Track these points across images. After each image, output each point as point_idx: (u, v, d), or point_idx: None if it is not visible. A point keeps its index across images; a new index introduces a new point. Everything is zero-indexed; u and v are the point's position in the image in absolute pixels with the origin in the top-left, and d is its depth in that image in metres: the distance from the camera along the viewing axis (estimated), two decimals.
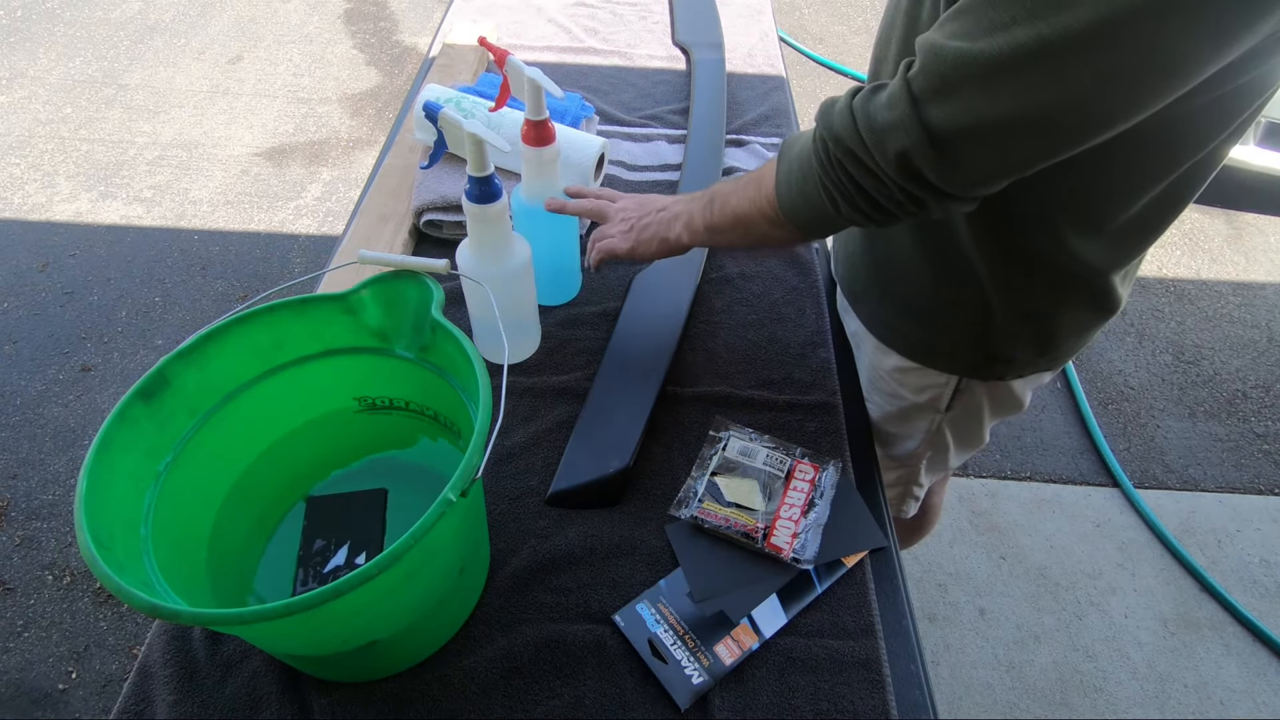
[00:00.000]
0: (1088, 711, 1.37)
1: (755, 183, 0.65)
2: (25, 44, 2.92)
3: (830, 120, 0.54)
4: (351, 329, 0.61)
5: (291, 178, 2.41)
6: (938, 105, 0.47)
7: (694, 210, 0.70)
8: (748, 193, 0.65)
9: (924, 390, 0.81)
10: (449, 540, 0.52)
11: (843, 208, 0.56)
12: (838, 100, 0.55)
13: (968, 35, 0.45)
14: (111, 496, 0.49)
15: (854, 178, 0.54)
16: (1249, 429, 1.86)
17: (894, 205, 0.54)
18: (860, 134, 0.51)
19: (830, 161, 0.55)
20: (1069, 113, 0.45)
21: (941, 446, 0.87)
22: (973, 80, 0.45)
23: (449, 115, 0.73)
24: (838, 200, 0.56)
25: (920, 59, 0.48)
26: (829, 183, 0.56)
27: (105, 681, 1.35)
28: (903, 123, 0.49)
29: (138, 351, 1.89)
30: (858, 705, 0.56)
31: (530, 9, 1.38)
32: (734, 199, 0.66)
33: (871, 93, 0.52)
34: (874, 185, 0.53)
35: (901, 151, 0.50)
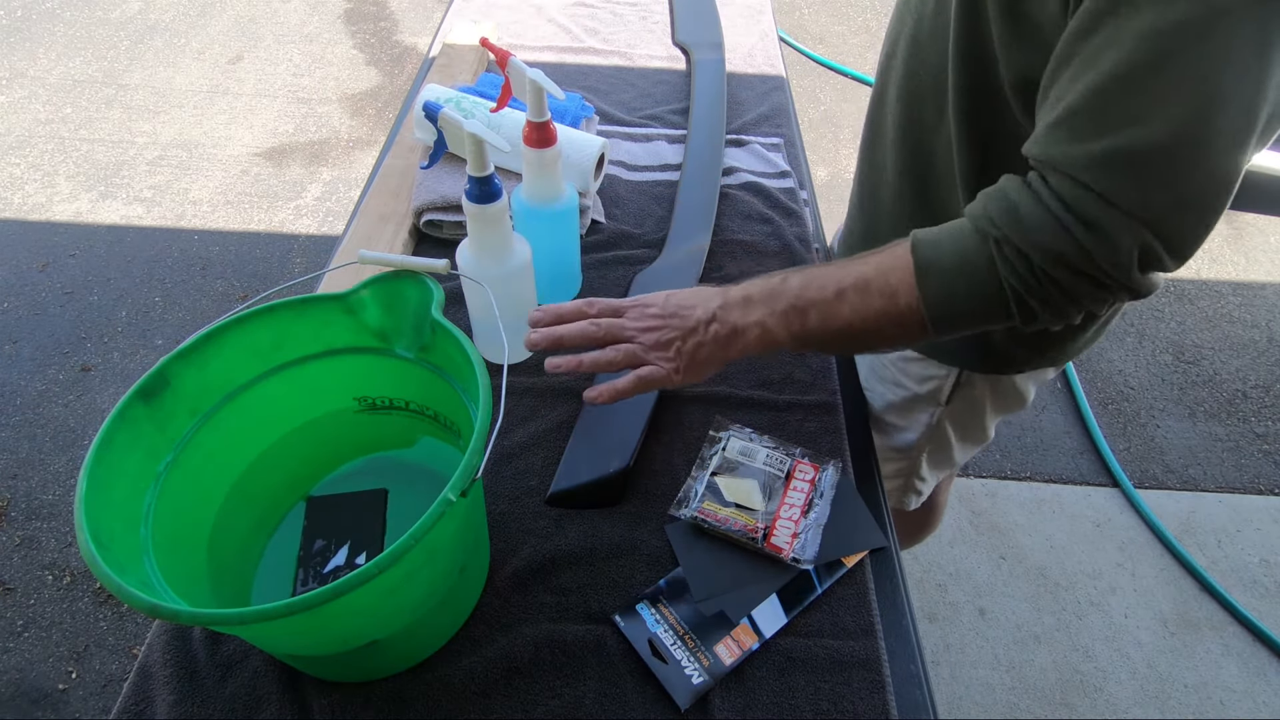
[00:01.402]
0: (1088, 711, 1.37)
1: (874, 293, 0.56)
2: (25, 44, 2.92)
3: (1031, 234, 0.50)
4: (351, 329, 0.61)
5: (291, 178, 2.41)
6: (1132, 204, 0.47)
7: (768, 323, 0.60)
8: (869, 305, 0.57)
9: (925, 381, 0.81)
10: (449, 540, 0.52)
11: (1040, 316, 0.53)
12: (1026, 215, 0.50)
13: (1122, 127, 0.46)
14: (111, 496, 0.49)
15: (1067, 288, 0.51)
16: (1249, 429, 1.86)
17: (1102, 302, 0.52)
18: (1080, 242, 0.48)
19: (1036, 276, 0.51)
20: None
21: (943, 441, 0.87)
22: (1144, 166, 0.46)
23: (449, 115, 0.73)
24: (1035, 309, 0.52)
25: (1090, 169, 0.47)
26: (1030, 295, 0.52)
27: (105, 681, 1.35)
28: (1127, 225, 0.48)
29: (138, 351, 1.89)
30: (858, 705, 0.56)
31: (530, 9, 1.38)
32: (842, 309, 0.57)
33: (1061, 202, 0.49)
34: (1091, 289, 0.51)
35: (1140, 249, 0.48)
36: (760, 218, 0.98)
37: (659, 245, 0.94)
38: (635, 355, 0.61)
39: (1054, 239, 0.49)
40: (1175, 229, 0.48)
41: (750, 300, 0.60)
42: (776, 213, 0.98)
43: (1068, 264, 0.49)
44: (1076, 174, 0.48)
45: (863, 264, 0.57)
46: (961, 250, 0.53)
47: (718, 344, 0.61)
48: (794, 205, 1.01)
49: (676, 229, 0.95)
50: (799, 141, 1.14)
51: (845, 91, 2.92)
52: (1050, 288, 0.51)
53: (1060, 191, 0.48)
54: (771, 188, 1.02)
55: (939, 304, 0.54)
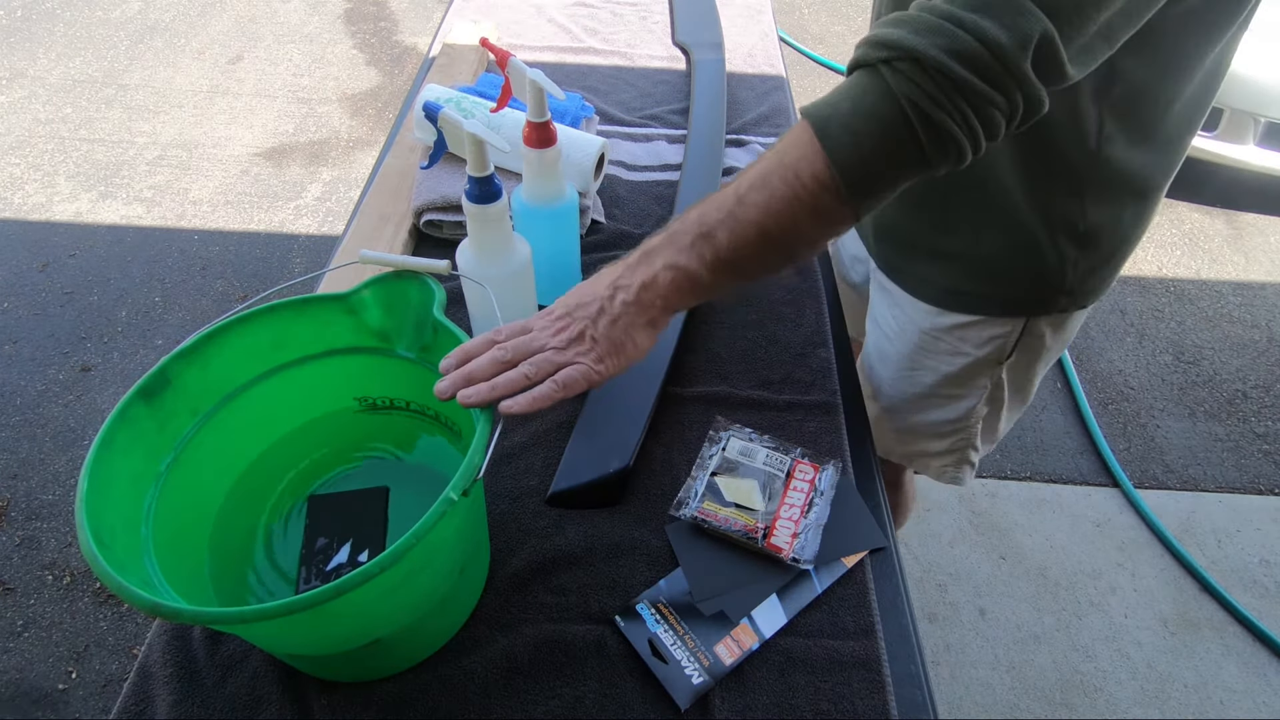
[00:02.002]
0: (1088, 711, 1.37)
1: (776, 181, 0.52)
2: (25, 44, 2.92)
3: (919, 34, 0.47)
4: (352, 329, 0.61)
5: (291, 178, 2.41)
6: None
7: (678, 261, 0.55)
8: (775, 195, 0.52)
9: (988, 343, 0.80)
10: (450, 540, 0.52)
11: (945, 131, 0.48)
12: (904, 27, 0.48)
13: None
14: (112, 496, 0.49)
15: (961, 85, 0.47)
16: (1249, 429, 1.86)
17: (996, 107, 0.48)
18: (980, 39, 0.45)
19: (930, 76, 0.47)
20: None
21: (998, 403, 0.87)
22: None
23: (449, 115, 0.73)
24: (939, 122, 0.48)
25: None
26: (929, 103, 0.47)
27: (105, 681, 1.35)
28: (1031, 15, 0.45)
29: (138, 351, 1.89)
30: (858, 705, 0.56)
31: (530, 9, 1.38)
32: (749, 214, 0.53)
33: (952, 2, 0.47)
34: (984, 88, 0.47)
35: (1038, 40, 0.45)
36: None
37: None
38: (550, 362, 0.55)
39: (946, 34, 0.46)
40: (1079, 12, 0.46)
41: (650, 251, 0.56)
42: None
43: (962, 57, 0.46)
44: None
45: (755, 165, 0.54)
46: (855, 93, 0.50)
47: (630, 311, 0.56)
48: None
49: None
50: None
51: None
52: (949, 90, 0.47)
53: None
54: None
55: (845, 155, 0.49)
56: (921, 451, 0.95)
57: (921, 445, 0.94)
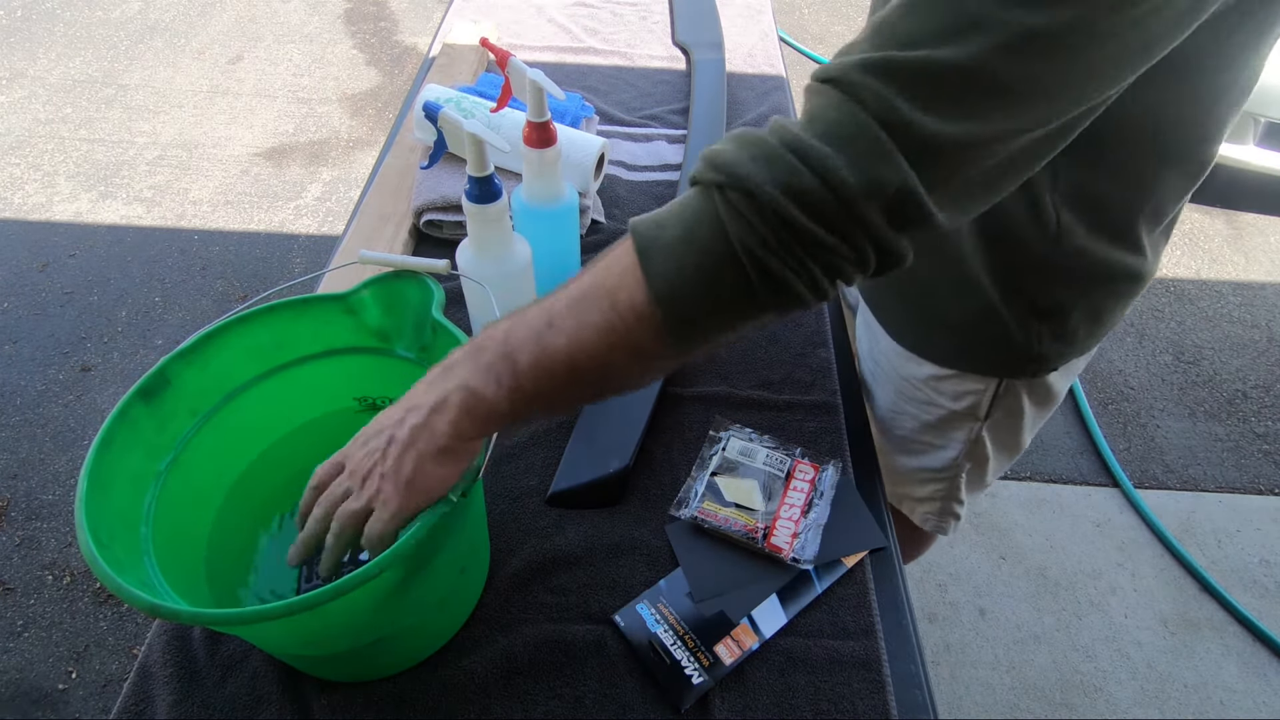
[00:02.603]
0: (1088, 711, 1.37)
1: (590, 305, 0.44)
2: (25, 44, 2.92)
3: (757, 168, 0.40)
4: (352, 329, 0.61)
5: (291, 178, 2.41)
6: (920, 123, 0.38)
7: (471, 383, 0.45)
8: (586, 323, 0.44)
9: (962, 397, 0.76)
10: (449, 541, 0.52)
11: (784, 281, 0.41)
12: (742, 152, 0.41)
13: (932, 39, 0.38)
14: (112, 496, 0.49)
15: (803, 234, 0.40)
16: (1249, 429, 1.86)
17: (844, 259, 0.41)
18: (822, 179, 0.39)
19: (765, 219, 0.40)
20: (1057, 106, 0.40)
21: (981, 456, 0.83)
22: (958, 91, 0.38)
23: (449, 115, 0.73)
24: (776, 271, 0.41)
25: (876, 77, 0.39)
26: (764, 249, 0.40)
27: (105, 681, 1.35)
28: (884, 152, 0.39)
29: (138, 351, 1.89)
30: (858, 705, 0.56)
31: (530, 9, 1.38)
32: (557, 341, 0.44)
33: (798, 125, 0.41)
34: (829, 238, 0.40)
35: (894, 191, 0.39)
36: None
37: None
38: (351, 515, 0.46)
39: (784, 168, 0.39)
40: (948, 161, 0.39)
41: (450, 366, 0.46)
42: None
43: (799, 196, 0.39)
44: (841, 78, 0.39)
45: (575, 281, 0.46)
46: (686, 215, 0.42)
47: (420, 437, 0.45)
48: None
49: None
50: None
51: None
52: (784, 235, 0.40)
53: (814, 110, 0.40)
54: None
55: (668, 291, 0.41)
56: (907, 495, 0.91)
57: (906, 488, 0.91)
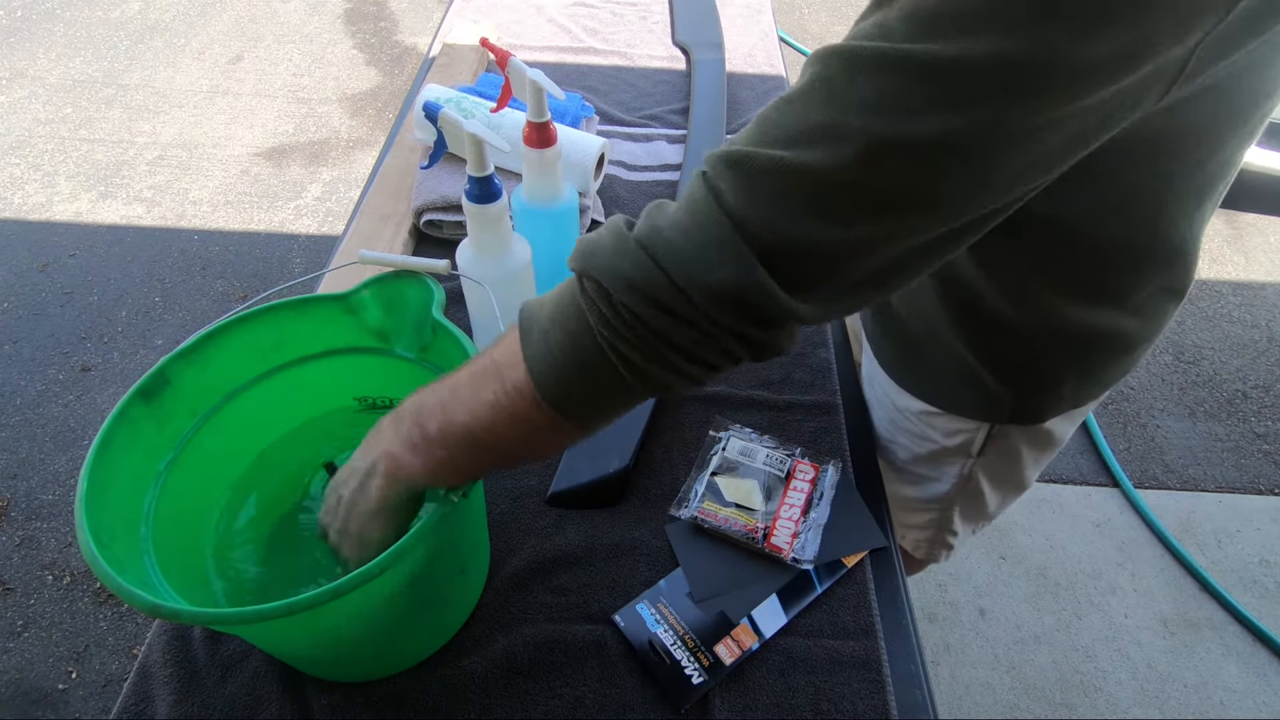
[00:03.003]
0: (1088, 711, 1.37)
1: (485, 380, 0.44)
2: (25, 44, 2.92)
3: (604, 259, 0.40)
4: (352, 329, 0.61)
5: (291, 178, 2.41)
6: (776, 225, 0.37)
7: (393, 450, 0.47)
8: (480, 397, 0.44)
9: (954, 434, 0.75)
10: (450, 540, 0.52)
11: (648, 372, 0.41)
12: (606, 238, 0.41)
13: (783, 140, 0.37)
14: (112, 496, 0.49)
15: (656, 329, 0.39)
16: (1249, 429, 1.86)
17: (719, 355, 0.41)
18: (669, 277, 0.38)
19: (617, 313, 0.39)
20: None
21: (975, 493, 0.81)
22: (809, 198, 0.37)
23: (449, 115, 0.73)
24: (637, 362, 0.40)
25: (738, 173, 0.38)
26: (620, 342, 0.40)
27: (105, 681, 1.35)
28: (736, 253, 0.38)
29: (138, 351, 1.89)
30: (858, 705, 0.56)
31: (530, 9, 1.38)
32: (458, 411, 0.45)
33: (664, 216, 0.40)
34: (687, 334, 0.40)
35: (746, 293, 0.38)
36: None
37: None
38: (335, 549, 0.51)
39: (631, 261, 0.39)
40: (809, 264, 0.38)
41: (379, 430, 0.48)
42: None
43: (645, 290, 0.38)
44: (708, 168, 0.39)
45: (489, 350, 0.46)
46: (559, 300, 0.43)
47: (357, 501, 0.48)
48: None
49: None
50: None
51: None
52: (638, 329, 0.39)
53: (684, 198, 0.40)
54: None
55: (543, 371, 0.42)
56: (900, 521, 0.89)
57: (900, 515, 0.88)
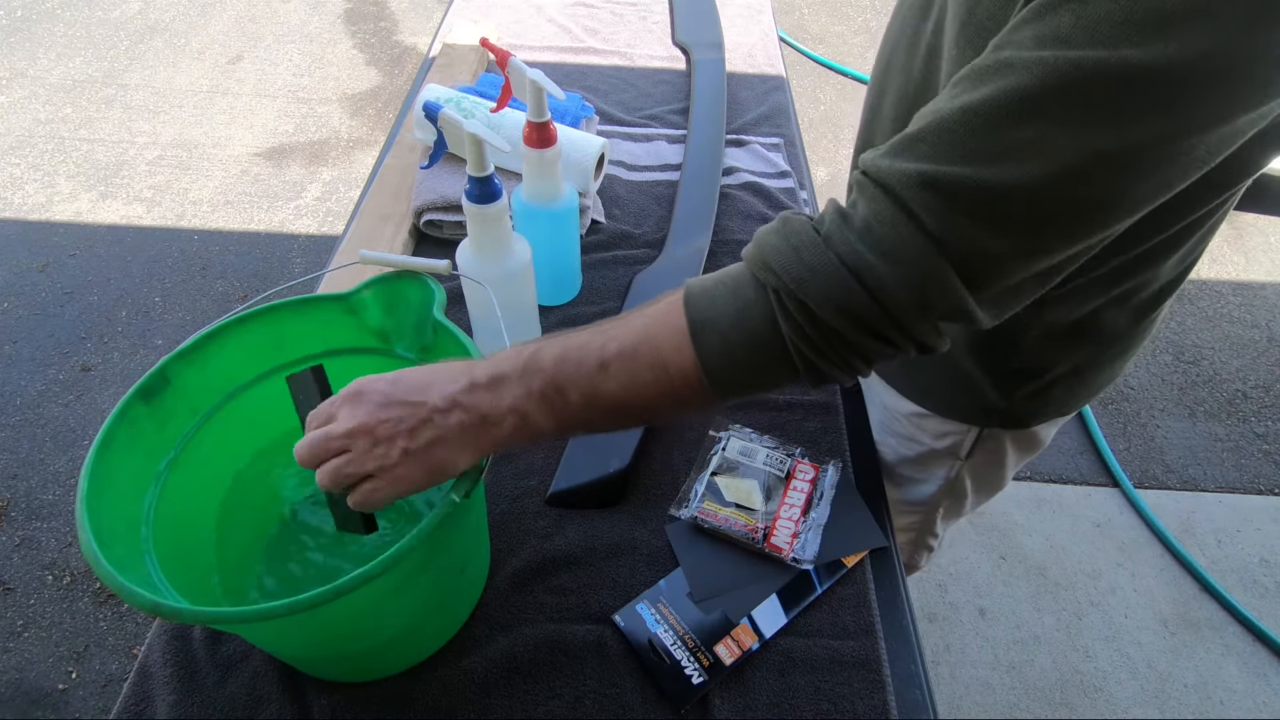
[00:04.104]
0: (1088, 711, 1.37)
1: (643, 364, 0.47)
2: (25, 44, 2.92)
3: (812, 282, 0.42)
4: (352, 329, 0.61)
5: (291, 178, 2.41)
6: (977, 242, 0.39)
7: (525, 408, 0.47)
8: (638, 378, 0.47)
9: (944, 436, 0.76)
10: (450, 540, 0.52)
11: (828, 374, 0.45)
12: (807, 255, 0.42)
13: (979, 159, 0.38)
14: (112, 496, 0.49)
15: (853, 342, 0.43)
16: (1249, 429, 1.86)
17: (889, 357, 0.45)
18: (878, 301, 0.41)
19: (820, 330, 0.43)
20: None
21: (960, 493, 0.83)
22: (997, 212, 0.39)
23: (449, 115, 0.73)
24: (822, 368, 0.44)
25: (936, 195, 0.39)
26: (814, 353, 0.44)
27: (105, 681, 1.35)
28: (940, 273, 0.40)
29: (138, 351, 1.89)
30: (858, 705, 0.56)
31: (530, 9, 1.38)
32: (608, 385, 0.47)
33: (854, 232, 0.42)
34: (876, 345, 0.43)
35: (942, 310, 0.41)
36: (760, 218, 0.98)
37: (659, 245, 0.94)
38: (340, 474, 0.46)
39: (840, 286, 0.41)
40: (1000, 274, 0.41)
41: (502, 379, 0.47)
42: (776, 213, 0.98)
43: (853, 315, 0.41)
44: (901, 190, 0.40)
45: (627, 327, 0.48)
46: (740, 304, 0.45)
47: (463, 435, 0.47)
48: (794, 205, 1.01)
49: (676, 229, 0.95)
50: (799, 141, 1.14)
51: (845, 91, 2.91)
52: (835, 343, 0.43)
53: (870, 219, 0.41)
54: (771, 188, 1.02)
55: (718, 368, 0.45)
56: None
57: None
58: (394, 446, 0.46)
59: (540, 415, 0.47)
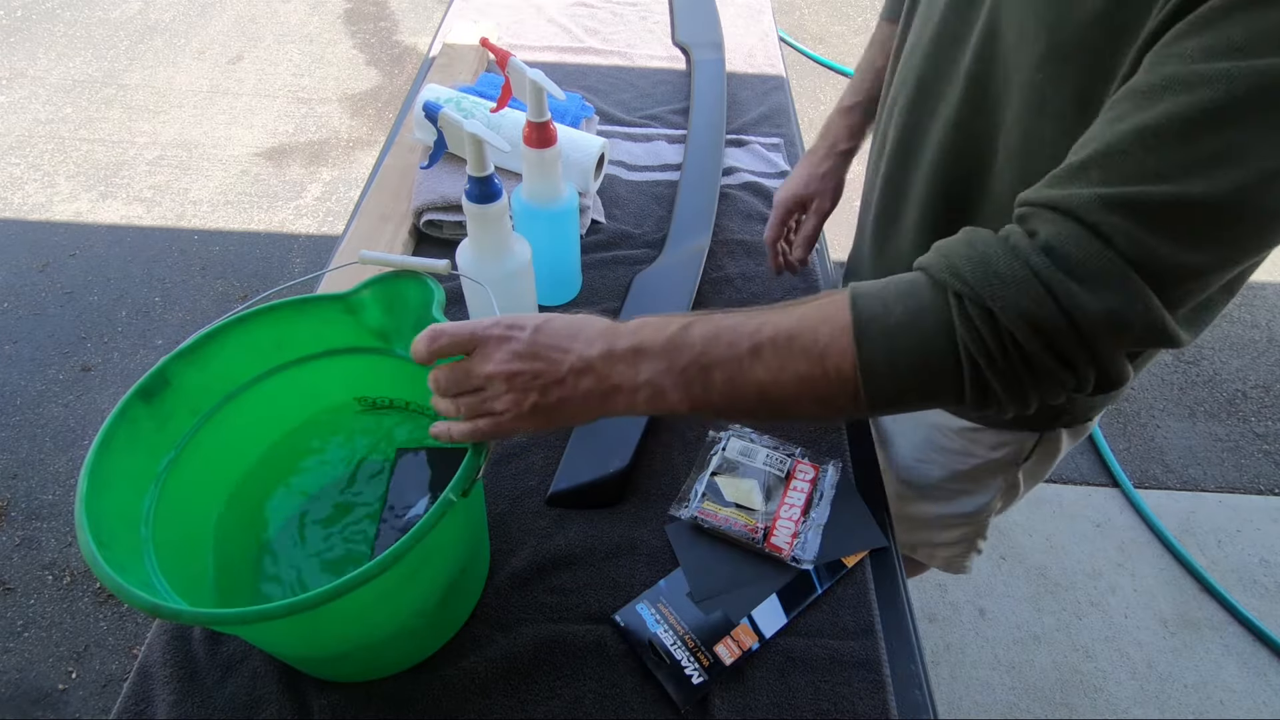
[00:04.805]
0: (1088, 711, 1.37)
1: (797, 352, 0.46)
2: (25, 44, 2.92)
3: (1004, 289, 0.41)
4: (352, 329, 0.61)
5: (291, 178, 2.41)
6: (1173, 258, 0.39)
7: (662, 384, 0.48)
8: (789, 366, 0.46)
9: (1001, 447, 0.74)
10: (450, 540, 0.52)
11: (993, 396, 0.44)
12: (1002, 267, 0.41)
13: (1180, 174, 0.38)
14: (112, 496, 0.49)
15: (1033, 361, 0.42)
16: (1249, 429, 1.86)
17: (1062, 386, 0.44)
18: (1069, 316, 0.40)
19: (1001, 341, 0.42)
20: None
21: (1013, 494, 0.81)
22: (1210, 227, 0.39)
23: (449, 115, 0.73)
24: (992, 387, 0.43)
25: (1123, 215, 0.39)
26: (989, 367, 0.42)
27: (105, 681, 1.35)
28: (1136, 291, 0.39)
29: (138, 351, 1.89)
30: (858, 705, 0.56)
31: (530, 9, 1.38)
32: (755, 370, 0.47)
33: (1049, 254, 0.40)
34: (1057, 366, 0.42)
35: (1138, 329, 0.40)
36: (760, 218, 0.98)
37: (659, 245, 0.94)
38: (470, 408, 0.49)
39: (1031, 297, 0.40)
40: (1195, 289, 0.40)
41: (642, 352, 0.48)
42: None
43: (1041, 329, 0.40)
44: (1084, 215, 0.40)
45: (784, 314, 0.47)
46: (913, 306, 0.44)
47: (589, 401, 0.48)
48: None
49: (676, 229, 0.95)
50: (799, 141, 1.14)
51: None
52: (1014, 358, 0.42)
53: (1051, 240, 0.40)
54: (771, 188, 1.02)
55: (878, 371, 0.44)
56: (927, 541, 0.89)
57: (926, 535, 0.88)
58: (526, 398, 0.48)
59: (676, 393, 0.47)
